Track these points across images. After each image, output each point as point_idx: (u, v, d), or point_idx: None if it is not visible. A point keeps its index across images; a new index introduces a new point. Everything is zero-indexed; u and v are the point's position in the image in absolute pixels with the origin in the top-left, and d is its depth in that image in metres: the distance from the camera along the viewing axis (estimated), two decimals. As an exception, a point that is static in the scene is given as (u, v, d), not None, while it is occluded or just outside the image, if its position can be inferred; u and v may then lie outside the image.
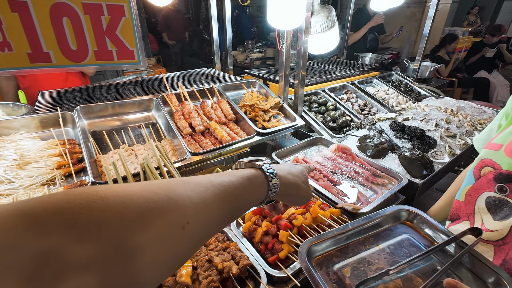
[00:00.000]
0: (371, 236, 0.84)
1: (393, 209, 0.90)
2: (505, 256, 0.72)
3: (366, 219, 0.85)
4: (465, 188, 0.90)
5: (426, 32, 3.01)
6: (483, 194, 0.82)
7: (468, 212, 0.89)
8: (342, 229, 0.82)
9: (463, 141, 1.80)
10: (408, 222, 0.88)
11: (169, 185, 0.42)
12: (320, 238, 0.79)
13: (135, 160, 1.37)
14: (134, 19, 1.10)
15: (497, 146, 0.79)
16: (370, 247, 0.80)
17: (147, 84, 2.18)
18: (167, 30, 6.76)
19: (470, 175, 0.88)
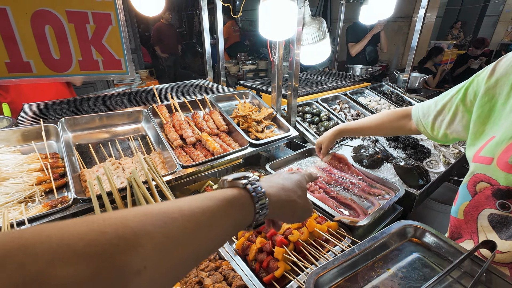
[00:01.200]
0: (380, 259, 0.78)
1: (398, 226, 0.85)
2: None
3: (372, 240, 0.80)
4: (462, 204, 0.86)
5: (414, 44, 3.09)
6: (484, 211, 0.79)
7: (470, 231, 0.85)
8: (348, 254, 0.76)
9: (457, 150, 1.80)
10: (415, 239, 0.84)
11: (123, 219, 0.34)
12: (326, 268, 0.72)
13: (122, 174, 1.30)
14: (121, 28, 1.07)
15: (488, 160, 0.75)
16: (380, 273, 0.74)
17: (137, 95, 2.13)
18: (160, 43, 6.80)
19: (464, 191, 0.85)
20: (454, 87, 0.96)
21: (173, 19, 8.95)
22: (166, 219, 0.37)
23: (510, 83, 0.75)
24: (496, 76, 0.78)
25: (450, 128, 0.95)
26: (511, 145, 0.69)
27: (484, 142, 0.79)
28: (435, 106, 1.00)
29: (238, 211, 0.48)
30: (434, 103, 1.02)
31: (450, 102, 0.94)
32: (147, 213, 0.37)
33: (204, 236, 0.41)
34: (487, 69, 0.83)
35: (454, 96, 0.93)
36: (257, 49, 8.25)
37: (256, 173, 1.51)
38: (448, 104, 0.95)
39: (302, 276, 0.92)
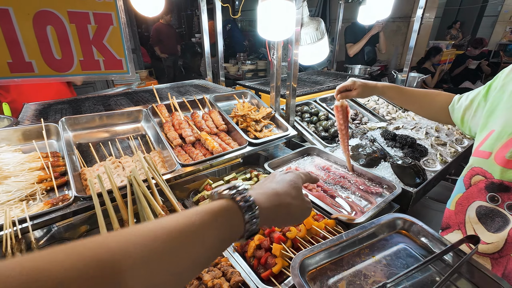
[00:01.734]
0: (367, 247, 0.81)
1: (388, 218, 0.87)
2: (503, 269, 0.69)
3: (361, 229, 0.82)
4: (456, 196, 0.88)
5: (412, 44, 3.12)
6: (473, 203, 0.81)
7: (458, 221, 0.87)
8: (336, 240, 0.79)
9: (454, 149, 1.81)
10: (404, 231, 0.86)
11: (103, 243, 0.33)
12: (313, 250, 0.75)
13: (122, 172, 1.31)
14: (122, 28, 1.09)
15: (486, 154, 0.77)
16: (365, 259, 0.77)
17: (137, 95, 2.15)
18: (159, 43, 6.81)
19: (460, 184, 0.87)
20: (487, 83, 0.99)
21: (172, 20, 8.97)
22: (147, 239, 0.36)
23: None
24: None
25: (473, 121, 0.98)
26: (510, 140, 0.71)
27: (485, 136, 0.81)
28: (465, 100, 1.02)
29: (225, 224, 0.46)
30: (466, 96, 1.04)
31: (476, 98, 0.96)
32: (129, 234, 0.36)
33: (190, 251, 0.40)
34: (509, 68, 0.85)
35: (481, 92, 0.95)
36: (256, 49, 8.28)
37: (255, 172, 1.53)
38: (475, 99, 0.97)
39: (300, 272, 0.93)
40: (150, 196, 1.12)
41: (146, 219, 1.08)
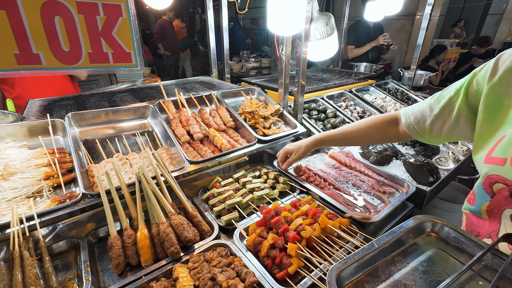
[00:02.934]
0: (399, 254, 0.77)
1: (415, 221, 0.84)
2: None
3: (391, 235, 0.78)
4: (483, 205, 0.84)
5: (420, 42, 3.07)
6: (505, 211, 0.77)
7: (491, 230, 0.83)
8: (368, 248, 0.75)
9: (466, 147, 1.78)
10: (433, 233, 0.82)
11: None
12: (347, 262, 0.71)
13: (130, 169, 1.28)
14: (132, 20, 1.05)
15: (501, 161, 0.73)
16: (401, 267, 0.73)
17: (142, 92, 2.12)
18: (163, 41, 6.77)
19: (481, 191, 0.83)
20: (448, 88, 0.91)
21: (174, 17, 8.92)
22: None
23: None
24: (500, 73, 0.75)
25: (454, 131, 0.91)
26: None
27: (495, 143, 0.77)
28: (430, 110, 0.95)
29: None
30: (428, 106, 0.96)
31: (450, 105, 0.89)
32: None
33: None
34: (486, 66, 0.79)
35: (454, 98, 0.88)
36: (259, 47, 8.23)
37: (264, 169, 1.50)
38: (447, 107, 0.89)
39: (316, 272, 0.90)
40: (159, 193, 1.10)
41: (155, 217, 1.05)
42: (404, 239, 0.80)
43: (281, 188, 1.35)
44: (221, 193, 1.26)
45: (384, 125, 1.13)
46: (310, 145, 1.32)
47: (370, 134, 1.16)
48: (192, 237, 1.00)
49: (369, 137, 1.18)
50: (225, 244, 1.02)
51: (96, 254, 1.04)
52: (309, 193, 1.33)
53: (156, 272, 0.91)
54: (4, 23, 0.86)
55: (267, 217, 1.07)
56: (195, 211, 1.13)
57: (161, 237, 0.97)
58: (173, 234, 0.98)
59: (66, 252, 1.03)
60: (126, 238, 0.98)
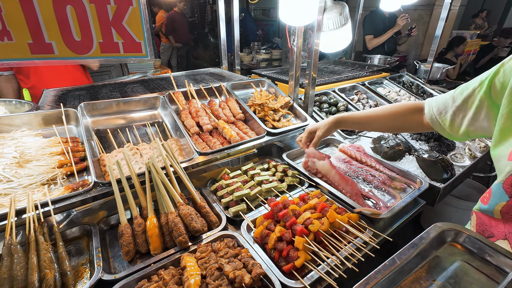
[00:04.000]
0: (423, 269, 0.72)
1: (436, 230, 0.79)
2: None
3: (412, 247, 0.73)
4: (498, 205, 0.80)
5: (439, 33, 2.94)
6: None
7: (507, 231, 0.79)
8: (390, 265, 0.69)
9: (483, 144, 1.71)
10: (456, 244, 0.78)
11: None
12: (368, 283, 0.66)
13: (140, 159, 1.30)
14: (142, 9, 1.05)
15: None
16: (427, 285, 0.68)
17: (153, 83, 2.13)
18: (173, 32, 6.77)
19: (500, 191, 0.78)
20: (474, 79, 0.86)
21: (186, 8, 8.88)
22: None
23: None
24: None
25: (474, 125, 0.87)
26: None
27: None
28: (453, 101, 0.91)
29: None
30: (452, 98, 0.92)
31: (473, 96, 0.84)
32: None
33: None
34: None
35: (477, 89, 0.83)
36: (270, 39, 8.11)
37: (273, 162, 1.49)
38: (470, 98, 0.85)
39: (323, 266, 0.90)
40: (168, 184, 1.11)
41: (164, 207, 1.07)
42: (426, 252, 0.75)
43: (290, 181, 1.34)
44: (230, 184, 1.26)
45: (408, 112, 1.08)
46: (332, 122, 1.26)
47: (393, 119, 1.12)
48: (200, 228, 1.01)
49: (392, 123, 1.13)
50: (232, 235, 1.03)
51: (107, 241, 1.07)
52: (318, 187, 1.32)
53: (164, 261, 0.92)
54: (18, 13, 0.88)
55: (275, 210, 1.06)
56: (203, 202, 1.13)
57: (170, 227, 0.99)
58: (181, 224, 0.99)
59: (79, 238, 1.06)
60: (136, 227, 1.00)
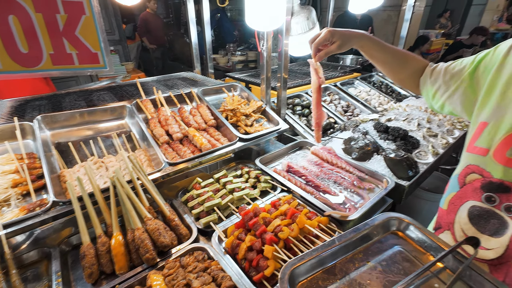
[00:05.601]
0: (360, 252, 0.76)
1: (382, 218, 0.84)
2: (504, 277, 0.67)
3: (354, 232, 0.78)
4: (449, 195, 0.84)
5: (404, 34, 3.08)
6: (466, 203, 0.77)
7: (448, 221, 0.83)
8: (328, 245, 0.74)
9: (445, 140, 1.81)
10: (399, 232, 0.83)
11: None
12: (303, 258, 0.70)
13: (106, 173, 1.25)
14: (96, 18, 0.99)
15: (483, 151, 0.72)
16: (360, 265, 0.72)
17: (122, 90, 2.05)
18: (147, 34, 6.57)
19: (454, 182, 0.83)
20: (470, 57, 0.87)
21: (159, 9, 8.66)
22: None
23: None
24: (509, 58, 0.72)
25: (449, 101, 0.90)
26: (510, 137, 0.66)
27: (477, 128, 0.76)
28: (444, 74, 0.92)
29: None
30: (444, 70, 0.93)
31: (459, 74, 0.86)
32: None
33: None
34: (506, 44, 0.74)
35: (467, 67, 0.85)
36: (247, 40, 8.09)
37: (246, 168, 1.48)
38: (457, 74, 0.87)
39: (293, 273, 0.90)
40: (135, 198, 1.07)
41: (131, 223, 1.03)
42: (368, 236, 0.79)
43: (262, 188, 1.34)
44: (200, 194, 1.24)
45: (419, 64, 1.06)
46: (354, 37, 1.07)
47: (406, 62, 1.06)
48: (169, 242, 0.99)
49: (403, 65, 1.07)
50: (202, 247, 1.01)
51: (69, 263, 1.01)
52: (290, 192, 1.33)
53: (131, 280, 0.89)
54: (-50, 24, 0.80)
55: (246, 219, 1.06)
56: (173, 215, 1.11)
57: (136, 244, 0.95)
58: (148, 240, 0.96)
59: (38, 262, 0.99)
60: (99, 246, 0.96)
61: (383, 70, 1.11)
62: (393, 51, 1.06)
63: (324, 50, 1.10)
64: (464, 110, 0.85)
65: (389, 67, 1.09)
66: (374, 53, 1.07)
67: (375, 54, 1.08)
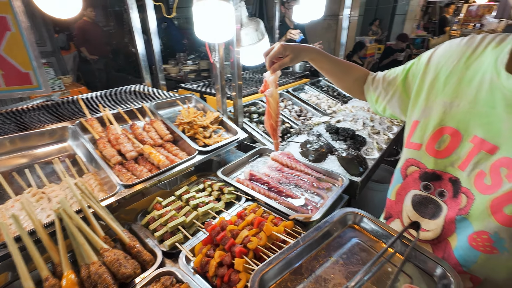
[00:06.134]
0: (323, 249, 0.82)
1: (339, 214, 0.91)
2: (443, 253, 0.78)
3: (316, 230, 0.84)
4: (395, 187, 0.96)
5: (344, 40, 3.39)
6: (409, 193, 0.88)
7: (398, 210, 0.94)
8: (293, 246, 0.78)
9: (387, 136, 2.03)
10: (355, 225, 0.90)
11: None
12: (271, 263, 0.73)
13: (48, 205, 1.11)
14: (24, 34, 0.88)
15: (417, 146, 0.84)
16: (323, 262, 0.77)
17: (61, 108, 1.84)
18: (86, 44, 6.02)
19: (398, 175, 0.94)
20: (400, 66, 1.01)
21: (98, 17, 8.05)
22: None
23: (436, 71, 0.82)
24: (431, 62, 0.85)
25: (389, 105, 1.03)
26: (437, 132, 0.78)
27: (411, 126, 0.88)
28: (382, 82, 1.05)
29: None
30: (383, 78, 1.05)
31: (394, 81, 1.00)
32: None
33: None
34: (426, 54, 0.88)
35: (399, 75, 0.98)
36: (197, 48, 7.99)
37: (208, 181, 1.46)
38: (392, 81, 1.00)
39: (265, 282, 0.91)
40: (86, 229, 0.97)
41: (84, 257, 0.93)
42: (329, 233, 0.86)
43: (227, 199, 1.33)
44: (162, 215, 1.18)
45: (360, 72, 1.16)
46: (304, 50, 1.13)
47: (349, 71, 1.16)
48: (131, 272, 0.92)
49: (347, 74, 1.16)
50: (169, 271, 0.96)
51: (9, 316, 0.87)
52: (255, 200, 1.35)
53: (90, 322, 0.80)
54: None
55: (213, 234, 1.04)
56: (133, 241, 1.03)
57: (93, 280, 0.86)
58: (107, 273, 0.88)
59: (-34, 323, 0.83)
60: (47, 290, 0.84)
61: (331, 79, 1.22)
62: (338, 62, 1.16)
63: (278, 63, 1.14)
64: (402, 112, 0.98)
65: (335, 76, 1.20)
66: (322, 65, 1.16)
67: (324, 66, 1.17)
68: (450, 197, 0.76)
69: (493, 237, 0.64)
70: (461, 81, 0.76)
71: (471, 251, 0.69)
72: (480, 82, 0.71)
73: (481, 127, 0.69)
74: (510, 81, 0.64)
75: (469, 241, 0.69)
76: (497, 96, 0.67)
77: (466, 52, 0.76)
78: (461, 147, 0.74)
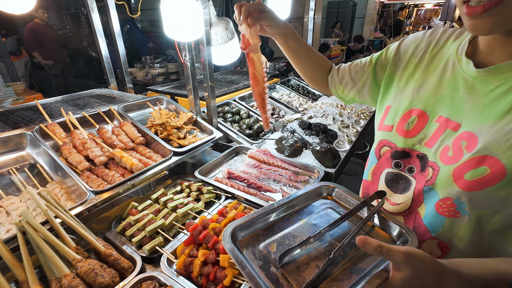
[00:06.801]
0: (296, 213, 0.88)
1: (315, 186, 0.97)
2: (413, 223, 0.84)
3: (291, 197, 0.89)
4: (371, 168, 1.02)
5: (310, 42, 3.52)
6: (384, 171, 0.95)
7: (374, 190, 1.01)
8: (268, 208, 0.84)
9: (355, 129, 2.14)
10: (329, 196, 0.97)
11: None
12: (245, 220, 0.79)
13: (7, 219, 1.00)
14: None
15: (389, 127, 0.92)
16: (295, 222, 0.84)
17: (14, 115, 1.67)
18: (39, 48, 5.53)
19: (372, 156, 1.00)
20: (366, 57, 1.07)
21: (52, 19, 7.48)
22: None
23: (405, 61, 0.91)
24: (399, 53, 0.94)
25: (359, 95, 1.09)
26: (406, 114, 0.86)
27: (384, 111, 0.95)
28: (349, 72, 1.09)
29: None
30: (349, 68, 1.09)
31: (362, 71, 1.05)
32: None
33: None
34: (394, 44, 0.96)
35: (367, 65, 1.03)
36: (163, 51, 7.77)
37: (186, 182, 1.42)
38: (360, 72, 1.05)
39: (251, 276, 0.92)
40: (55, 240, 0.89)
41: (54, 271, 0.85)
42: (303, 201, 0.92)
43: (206, 199, 1.31)
44: (139, 219, 1.13)
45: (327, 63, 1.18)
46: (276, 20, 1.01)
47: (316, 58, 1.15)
48: (110, 281, 0.86)
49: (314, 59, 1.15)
50: (151, 276, 0.92)
51: None
52: (235, 197, 1.35)
53: None
54: None
55: (195, 234, 1.02)
56: (109, 249, 0.97)
57: (67, 294, 0.80)
58: (82, 285, 0.82)
59: None
60: (13, 311, 0.76)
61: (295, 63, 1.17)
62: (307, 45, 1.15)
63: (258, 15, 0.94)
64: (372, 100, 1.06)
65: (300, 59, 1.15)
66: (292, 44, 1.10)
67: (293, 45, 1.10)
68: (418, 172, 0.83)
69: (456, 201, 0.72)
70: (427, 68, 0.85)
71: (438, 217, 0.76)
72: (443, 68, 0.81)
73: (446, 108, 0.78)
74: (469, 66, 0.73)
75: (436, 208, 0.76)
76: (459, 80, 0.76)
77: (431, 43, 0.87)
78: (428, 126, 0.82)
